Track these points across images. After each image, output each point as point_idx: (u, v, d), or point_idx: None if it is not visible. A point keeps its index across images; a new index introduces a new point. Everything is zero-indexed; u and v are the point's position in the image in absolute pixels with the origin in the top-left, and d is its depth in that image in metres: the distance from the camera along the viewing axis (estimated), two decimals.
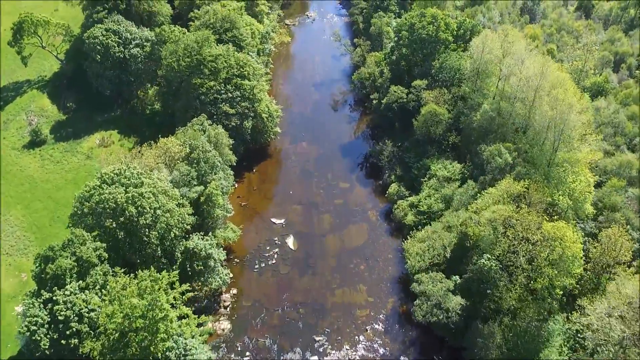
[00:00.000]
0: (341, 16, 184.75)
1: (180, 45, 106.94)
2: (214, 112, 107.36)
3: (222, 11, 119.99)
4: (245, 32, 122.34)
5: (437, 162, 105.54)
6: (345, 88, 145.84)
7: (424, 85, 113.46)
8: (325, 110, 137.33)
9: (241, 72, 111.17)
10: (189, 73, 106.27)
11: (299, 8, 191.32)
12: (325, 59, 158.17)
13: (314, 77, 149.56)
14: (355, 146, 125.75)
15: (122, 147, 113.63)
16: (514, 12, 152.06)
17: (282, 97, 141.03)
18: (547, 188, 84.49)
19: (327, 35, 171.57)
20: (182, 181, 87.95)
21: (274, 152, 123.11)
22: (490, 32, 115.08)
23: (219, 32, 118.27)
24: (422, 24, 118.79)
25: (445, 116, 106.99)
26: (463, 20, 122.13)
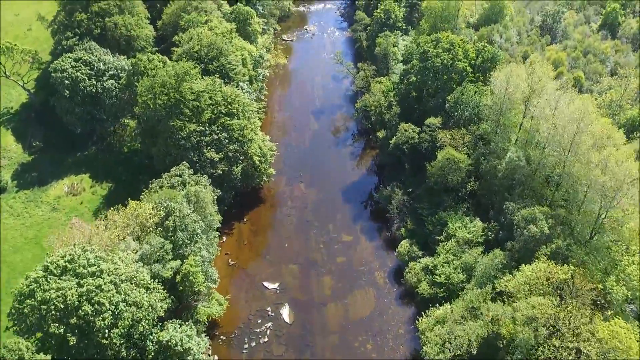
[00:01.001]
0: (342, 30, 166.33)
1: (157, 81, 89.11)
2: (197, 159, 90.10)
3: (208, 36, 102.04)
4: (235, 59, 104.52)
5: (455, 217, 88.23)
6: (348, 114, 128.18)
7: (438, 124, 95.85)
8: (325, 142, 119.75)
9: (229, 110, 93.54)
10: (166, 114, 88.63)
11: (297, 21, 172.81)
12: (326, 81, 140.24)
13: (313, 103, 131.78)
14: (359, 188, 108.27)
15: (94, 195, 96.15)
16: (533, 31, 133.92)
17: (278, 127, 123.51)
18: (595, 270, 67.41)
19: (327, 52, 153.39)
20: (154, 256, 70.82)
21: (267, 195, 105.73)
22: (514, 65, 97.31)
23: (204, 62, 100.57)
24: (436, 51, 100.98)
25: (465, 163, 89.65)
26: (482, 47, 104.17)
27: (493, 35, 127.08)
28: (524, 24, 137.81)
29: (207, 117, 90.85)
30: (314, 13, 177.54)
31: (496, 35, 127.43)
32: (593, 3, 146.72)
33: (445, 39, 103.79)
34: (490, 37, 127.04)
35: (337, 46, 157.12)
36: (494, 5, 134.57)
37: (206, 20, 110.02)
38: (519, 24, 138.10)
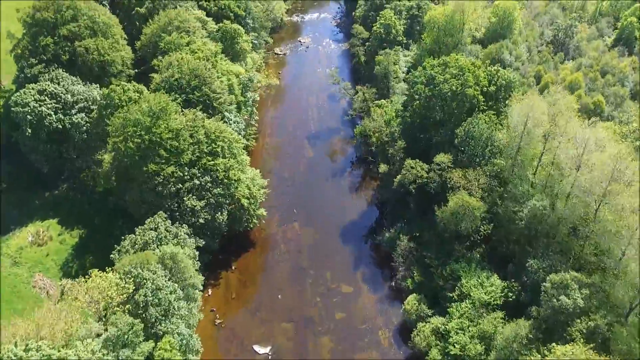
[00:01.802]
0: (338, 42, 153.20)
1: (129, 119, 76.27)
2: (176, 207, 77.65)
3: (190, 62, 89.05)
4: (220, 87, 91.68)
5: (469, 271, 76.03)
6: (345, 137, 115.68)
7: (449, 162, 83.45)
8: (321, 172, 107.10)
9: (212, 149, 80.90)
10: (140, 158, 75.95)
11: (290, 32, 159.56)
12: (322, 101, 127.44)
13: (307, 126, 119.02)
14: (359, 226, 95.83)
15: (62, 244, 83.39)
16: (544, 47, 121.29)
17: (270, 155, 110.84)
18: None
19: (322, 67, 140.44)
20: (122, 340, 58.54)
21: (258, 238, 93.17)
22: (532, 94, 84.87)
23: (185, 92, 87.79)
24: (444, 76, 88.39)
25: (481, 211, 77.49)
26: (495, 72, 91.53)
27: (502, 53, 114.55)
28: (534, 39, 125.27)
29: (188, 158, 78.18)
30: (308, 23, 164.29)
31: (506, 52, 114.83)
32: (605, 14, 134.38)
33: (453, 62, 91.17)
34: (499, 55, 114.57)
35: (332, 60, 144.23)
36: (503, 19, 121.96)
37: (188, 42, 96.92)
38: (529, 39, 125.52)
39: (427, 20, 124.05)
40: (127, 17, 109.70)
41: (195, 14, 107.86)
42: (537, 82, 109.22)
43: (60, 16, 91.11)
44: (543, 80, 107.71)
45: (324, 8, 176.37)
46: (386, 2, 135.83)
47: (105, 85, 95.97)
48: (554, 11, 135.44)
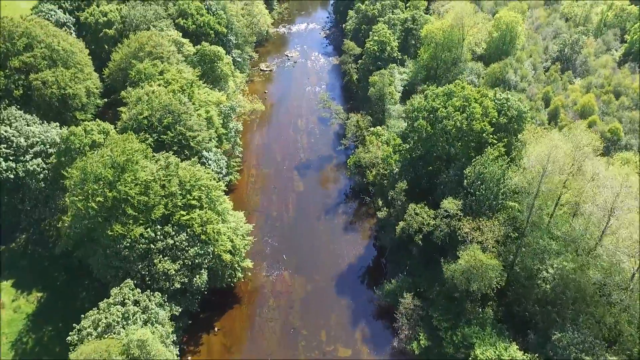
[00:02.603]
0: (328, 56, 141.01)
1: (89, 172, 63.95)
2: (147, 272, 65.68)
3: (161, 96, 76.73)
4: (197, 122, 79.50)
5: (483, 339, 64.91)
6: (338, 164, 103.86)
7: (457, 209, 72.14)
8: (312, 209, 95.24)
9: (188, 201, 68.90)
10: (104, 218, 63.82)
11: (277, 45, 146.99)
12: (311, 124, 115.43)
13: (296, 155, 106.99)
14: (356, 273, 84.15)
15: (16, 312, 70.86)
16: (549, 63, 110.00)
17: (256, 190, 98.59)
18: None
19: (311, 84, 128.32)
20: None
21: (244, 292, 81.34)
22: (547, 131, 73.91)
23: (157, 131, 75.55)
24: (448, 110, 76.84)
25: (496, 270, 66.41)
26: (505, 101, 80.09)
27: (507, 73, 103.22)
28: (538, 54, 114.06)
29: (159, 214, 66.09)
30: (296, 35, 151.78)
31: (510, 72, 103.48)
32: (611, 25, 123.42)
33: (458, 91, 79.60)
34: (504, 75, 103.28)
35: (322, 76, 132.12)
36: (505, 34, 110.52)
37: (162, 71, 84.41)
38: (533, 54, 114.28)
39: (424, 36, 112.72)
40: (94, 39, 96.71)
41: (171, 35, 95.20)
42: (545, 104, 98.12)
43: (12, 45, 78.17)
44: (552, 103, 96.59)
45: (312, 17, 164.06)
46: (379, 14, 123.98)
47: (68, 122, 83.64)
48: (557, 22, 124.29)
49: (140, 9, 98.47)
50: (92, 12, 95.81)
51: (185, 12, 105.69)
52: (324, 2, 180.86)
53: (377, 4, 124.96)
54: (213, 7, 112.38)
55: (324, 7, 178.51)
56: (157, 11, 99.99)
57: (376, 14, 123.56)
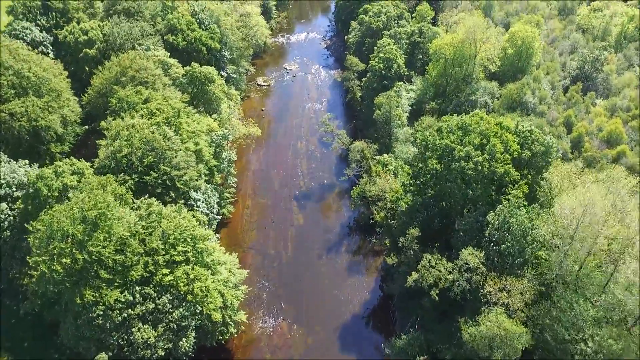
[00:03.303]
0: (329, 69, 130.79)
1: (56, 230, 54.38)
2: (125, 342, 56.20)
3: (144, 130, 66.92)
4: (186, 158, 69.79)
5: None
6: (341, 192, 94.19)
7: (478, 262, 62.56)
8: (313, 246, 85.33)
9: (171, 257, 59.30)
10: (73, 283, 54.23)
11: (276, 56, 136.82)
12: (312, 146, 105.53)
13: (296, 182, 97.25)
14: (362, 322, 74.53)
15: None
16: (573, 89, 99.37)
17: (251, 225, 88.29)
18: None
19: (312, 101, 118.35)
20: None
21: (236, 348, 71.38)
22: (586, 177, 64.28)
23: (138, 171, 65.83)
24: (466, 150, 66.81)
25: (523, 339, 56.99)
26: (529, 135, 70.24)
27: (524, 95, 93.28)
28: (556, 72, 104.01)
29: (138, 275, 56.50)
30: (295, 45, 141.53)
31: (528, 93, 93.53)
32: (632, 38, 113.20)
33: (475, 123, 69.65)
34: (521, 97, 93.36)
35: (323, 92, 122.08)
36: (521, 51, 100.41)
37: (146, 99, 74.54)
38: (550, 71, 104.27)
39: (433, 52, 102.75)
40: (74, 60, 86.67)
41: (157, 55, 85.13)
42: (567, 130, 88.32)
43: None
44: (575, 130, 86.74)
45: (312, 25, 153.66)
46: (384, 27, 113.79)
47: (42, 156, 73.89)
48: (574, 36, 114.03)
49: (125, 25, 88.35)
50: (72, 30, 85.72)
51: (175, 28, 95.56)
52: (325, 8, 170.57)
53: (382, 16, 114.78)
54: (206, 21, 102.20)
55: (325, 12, 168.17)
56: (143, 28, 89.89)
57: (381, 26, 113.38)
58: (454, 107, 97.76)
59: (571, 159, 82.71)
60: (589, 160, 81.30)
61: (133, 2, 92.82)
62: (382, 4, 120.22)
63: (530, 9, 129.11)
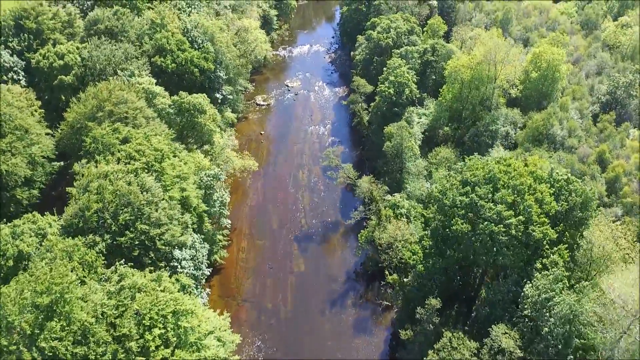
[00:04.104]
0: (333, 86, 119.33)
1: (1, 320, 43.49)
2: None
3: (119, 182, 56.05)
4: (169, 210, 58.97)
5: None
6: (345, 231, 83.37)
7: (513, 346, 51.63)
8: (315, 298, 73.65)
9: (147, 343, 48.64)
10: None
11: (277, 71, 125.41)
12: (315, 177, 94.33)
13: (296, 220, 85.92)
14: None
15: None
16: (604, 119, 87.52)
17: (246, 273, 76.49)
18: None
19: (315, 124, 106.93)
20: None
21: None
22: None
23: (111, 231, 55.08)
24: (496, 210, 55.57)
25: None
26: (565, 184, 59.01)
27: (552, 126, 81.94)
28: (584, 97, 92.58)
29: None
30: (298, 59, 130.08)
31: (555, 124, 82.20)
32: None
33: (505, 176, 58.36)
34: (547, 129, 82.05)
35: (327, 113, 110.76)
36: (546, 75, 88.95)
37: (125, 139, 63.55)
38: (576, 95, 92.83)
39: (449, 74, 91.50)
40: (48, 87, 75.60)
41: (141, 83, 73.96)
42: (602, 169, 77.13)
43: None
44: (610, 169, 75.50)
45: (315, 36, 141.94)
46: (394, 44, 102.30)
47: (6, 204, 63.07)
48: (600, 55, 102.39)
49: (107, 48, 77.13)
50: (46, 54, 74.57)
51: (164, 49, 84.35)
52: (330, 16, 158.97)
53: (392, 31, 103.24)
54: (199, 39, 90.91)
55: (330, 20, 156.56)
56: (127, 50, 78.64)
57: (390, 43, 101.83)
58: (472, 136, 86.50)
59: (608, 204, 71.64)
60: (629, 207, 70.16)
61: (117, 21, 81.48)
62: (391, 18, 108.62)
63: (550, 23, 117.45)
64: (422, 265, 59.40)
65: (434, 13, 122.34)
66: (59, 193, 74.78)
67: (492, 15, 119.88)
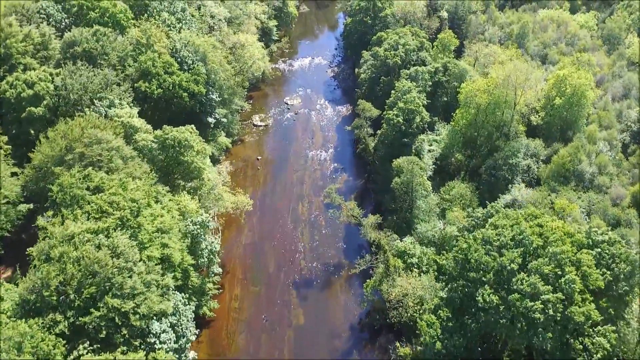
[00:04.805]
0: (336, 104, 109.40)
1: None
2: None
3: (84, 248, 46.81)
4: (145, 276, 49.75)
5: None
6: (349, 276, 73.85)
7: None
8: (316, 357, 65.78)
9: None
10: None
11: (276, 87, 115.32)
12: (316, 209, 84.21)
13: (295, 263, 75.54)
14: None
15: None
16: (626, 136, 78.29)
17: (239, 326, 66.47)
18: None
19: (316, 148, 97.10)
20: None
21: None
22: None
23: (74, 308, 45.76)
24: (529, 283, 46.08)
25: None
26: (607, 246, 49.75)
27: (580, 162, 72.25)
28: (613, 126, 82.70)
29: None
30: (298, 73, 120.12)
31: (584, 160, 72.44)
32: None
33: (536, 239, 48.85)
34: (575, 166, 72.32)
35: (329, 136, 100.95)
36: (572, 102, 79.15)
37: (96, 187, 54.13)
38: (603, 122, 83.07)
39: (464, 100, 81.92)
40: (16, 120, 65.93)
41: (120, 117, 64.37)
42: (638, 213, 67.43)
43: None
44: None
45: (317, 47, 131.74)
46: (402, 63, 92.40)
47: None
48: (628, 76, 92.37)
49: (84, 74, 67.41)
50: (14, 83, 64.96)
51: (149, 72, 74.69)
52: (332, 25, 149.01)
53: (400, 49, 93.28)
54: (189, 59, 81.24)
55: (333, 28, 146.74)
56: (106, 76, 68.93)
57: (399, 62, 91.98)
58: (489, 169, 77.00)
59: None
60: None
61: (96, 43, 71.69)
62: (399, 32, 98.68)
63: (569, 37, 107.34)
64: (440, 343, 50.03)
65: (444, 25, 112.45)
66: (30, 236, 65.60)
67: (506, 28, 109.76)
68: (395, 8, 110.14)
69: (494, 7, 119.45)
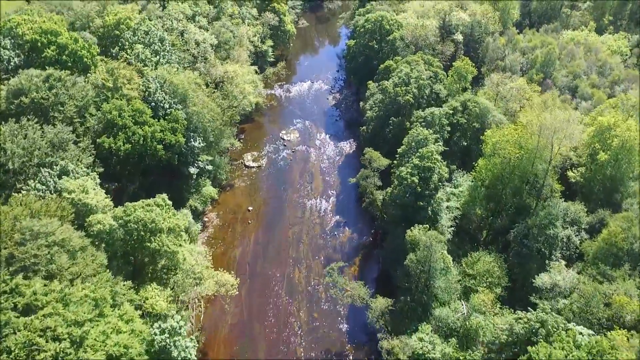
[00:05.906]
0: (338, 139, 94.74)
1: None
2: None
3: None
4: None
5: None
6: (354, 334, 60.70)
7: None
8: None
9: None
10: None
11: (271, 116, 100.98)
12: (314, 277, 69.89)
13: (290, 351, 62.14)
14: None
15: None
16: None
17: None
18: None
19: (316, 197, 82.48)
20: None
21: None
22: None
23: None
24: None
25: None
26: None
27: (634, 242, 58.02)
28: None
29: None
30: (296, 100, 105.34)
31: None
32: None
33: None
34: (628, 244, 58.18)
35: (331, 180, 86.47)
36: (619, 157, 64.87)
37: (27, 307, 40.20)
38: None
39: (489, 151, 67.71)
40: None
41: (71, 191, 50.11)
42: None
43: None
44: None
45: (317, 68, 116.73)
46: (415, 102, 77.91)
47: None
48: None
49: (29, 134, 53.04)
50: None
51: (115, 124, 60.28)
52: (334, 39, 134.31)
53: (412, 84, 78.72)
54: (165, 102, 66.79)
55: (334, 42, 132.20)
56: (59, 135, 54.53)
57: (411, 100, 77.52)
58: (519, 237, 62.94)
59: None
60: None
61: (48, 91, 57.13)
62: (410, 61, 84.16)
63: (600, 65, 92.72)
64: None
65: (459, 50, 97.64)
66: None
67: (529, 54, 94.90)
68: (404, 31, 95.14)
69: (513, 29, 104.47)
